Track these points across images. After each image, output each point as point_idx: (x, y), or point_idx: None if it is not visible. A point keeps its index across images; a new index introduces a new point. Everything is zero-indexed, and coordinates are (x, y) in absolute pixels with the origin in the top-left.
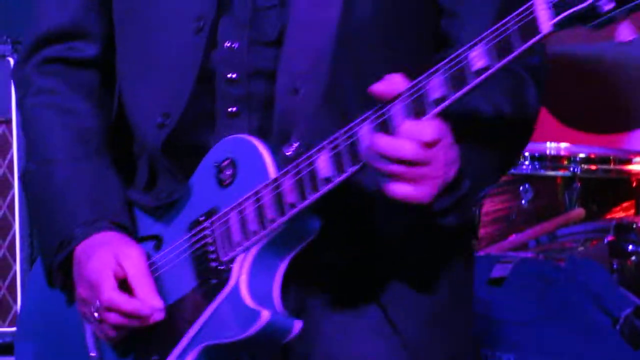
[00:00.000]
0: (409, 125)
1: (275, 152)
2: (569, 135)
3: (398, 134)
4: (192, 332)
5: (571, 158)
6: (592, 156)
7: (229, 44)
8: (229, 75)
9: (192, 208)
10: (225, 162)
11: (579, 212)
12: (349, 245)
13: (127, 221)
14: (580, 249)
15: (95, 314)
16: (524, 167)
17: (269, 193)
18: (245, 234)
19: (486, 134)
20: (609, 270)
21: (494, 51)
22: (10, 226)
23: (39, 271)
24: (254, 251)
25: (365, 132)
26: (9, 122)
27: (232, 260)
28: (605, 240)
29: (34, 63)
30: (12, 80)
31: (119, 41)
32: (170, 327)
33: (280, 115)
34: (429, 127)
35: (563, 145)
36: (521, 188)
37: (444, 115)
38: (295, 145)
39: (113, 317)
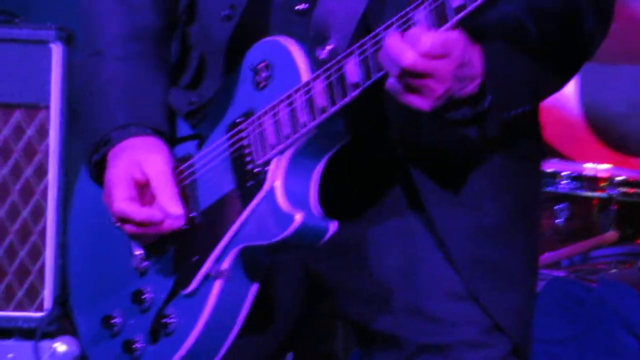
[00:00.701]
0: (413, 33)
1: (310, 54)
2: (608, 157)
3: (404, 38)
4: (230, 233)
5: (609, 180)
6: (630, 180)
7: None
8: None
9: (231, 110)
10: (261, 65)
11: (611, 235)
12: (391, 156)
13: (163, 126)
14: (613, 271)
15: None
16: (561, 186)
17: (301, 97)
18: (279, 137)
19: (526, 52)
20: None
21: None
22: (43, 212)
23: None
24: (288, 154)
25: None
26: (47, 108)
27: (267, 163)
28: (638, 264)
29: None
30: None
31: None
32: (209, 228)
33: (318, 17)
34: (429, 39)
35: (601, 167)
36: (557, 207)
37: (474, 28)
38: (329, 48)
39: (127, 227)
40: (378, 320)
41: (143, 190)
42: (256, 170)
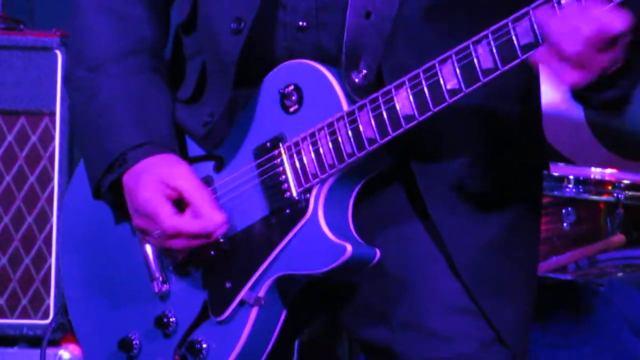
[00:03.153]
0: (598, 13)
1: (344, 79)
2: (615, 161)
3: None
4: (267, 261)
5: (615, 184)
6: (637, 183)
7: None
8: None
9: (257, 132)
10: (290, 88)
11: (619, 238)
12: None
13: (174, 145)
14: (620, 275)
15: (160, 242)
16: (568, 190)
17: (344, 126)
18: (322, 167)
19: None
20: None
21: None
22: (48, 219)
23: (79, 184)
24: (329, 183)
25: (448, 72)
26: (52, 114)
27: (307, 191)
28: None
29: None
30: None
31: None
32: (241, 255)
33: (349, 40)
34: (617, 19)
35: (608, 171)
36: (564, 211)
37: None
38: (364, 72)
39: (179, 242)
40: (375, 333)
41: (178, 206)
42: (295, 198)
